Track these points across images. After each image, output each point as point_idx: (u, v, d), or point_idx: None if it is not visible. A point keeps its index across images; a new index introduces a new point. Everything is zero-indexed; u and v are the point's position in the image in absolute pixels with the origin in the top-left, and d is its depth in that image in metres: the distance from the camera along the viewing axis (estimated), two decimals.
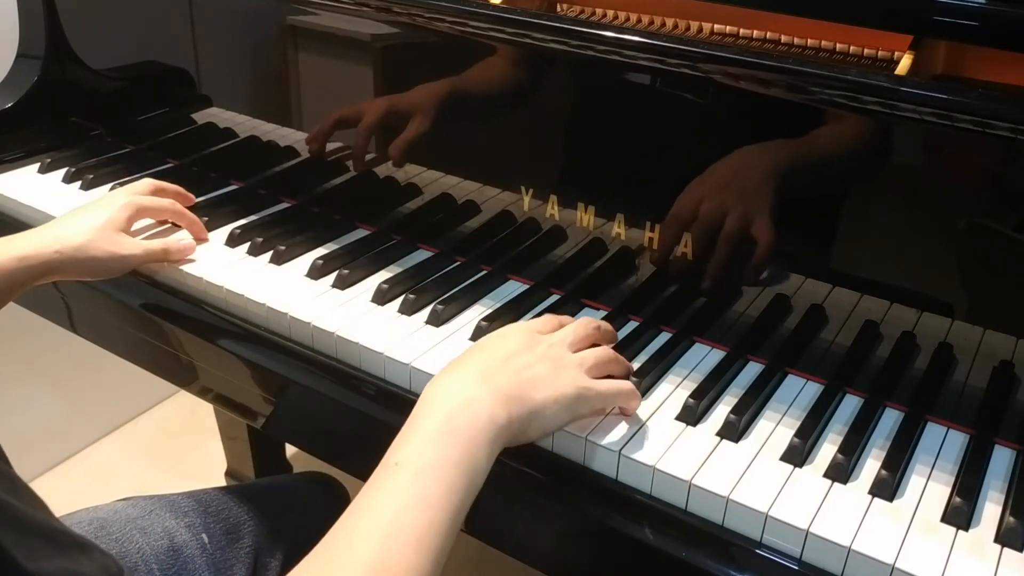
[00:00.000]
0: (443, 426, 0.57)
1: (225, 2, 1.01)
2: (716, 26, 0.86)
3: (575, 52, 0.75)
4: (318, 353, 0.79)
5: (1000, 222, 0.64)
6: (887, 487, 0.62)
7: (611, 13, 0.90)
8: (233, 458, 1.46)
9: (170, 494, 0.85)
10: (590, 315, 0.82)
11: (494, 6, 0.80)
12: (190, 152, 1.11)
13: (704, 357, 0.76)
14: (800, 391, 0.73)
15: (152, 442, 1.86)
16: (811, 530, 0.59)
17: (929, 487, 0.63)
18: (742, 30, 0.85)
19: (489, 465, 0.57)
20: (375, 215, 0.96)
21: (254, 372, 0.82)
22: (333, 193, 0.99)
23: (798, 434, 0.66)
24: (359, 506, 0.53)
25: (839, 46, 0.81)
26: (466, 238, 0.90)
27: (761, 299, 0.75)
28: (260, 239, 0.90)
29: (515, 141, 0.85)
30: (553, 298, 0.84)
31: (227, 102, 1.05)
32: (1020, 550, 0.58)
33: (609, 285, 0.83)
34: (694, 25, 0.87)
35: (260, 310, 0.82)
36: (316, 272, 0.86)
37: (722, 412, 0.69)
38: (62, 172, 1.06)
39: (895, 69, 0.71)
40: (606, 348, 0.69)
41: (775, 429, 0.68)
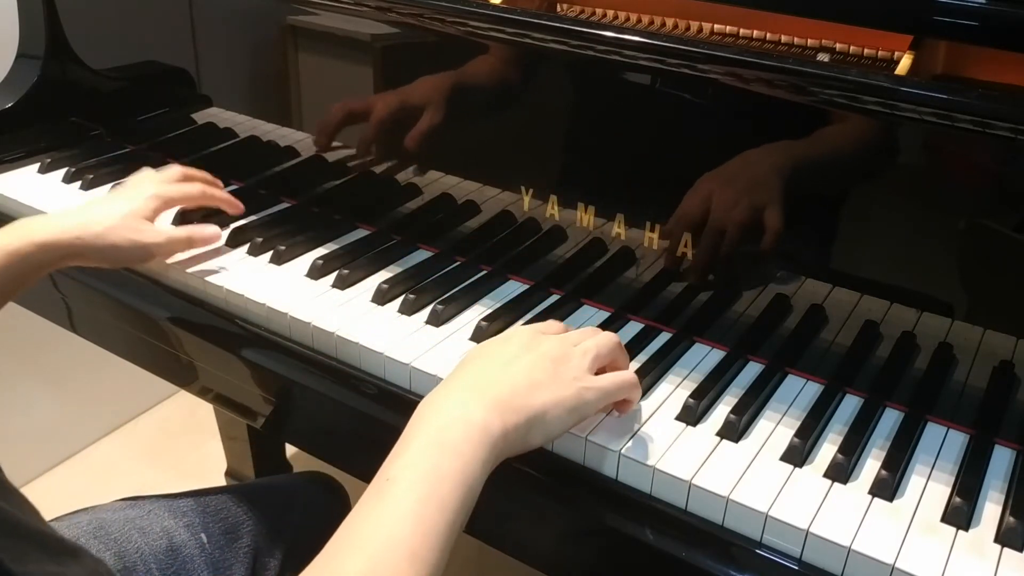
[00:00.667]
0: (435, 440, 0.56)
1: (225, 2, 1.01)
2: (716, 26, 0.86)
3: (575, 52, 0.75)
4: (318, 353, 0.79)
5: (1000, 222, 0.64)
6: (887, 487, 0.62)
7: (611, 13, 0.90)
8: (233, 458, 1.46)
9: (169, 494, 0.85)
10: (590, 315, 0.82)
11: (494, 6, 0.80)
12: (190, 152, 1.11)
13: (704, 357, 0.76)
14: (800, 391, 0.73)
15: (152, 442, 1.86)
16: (811, 530, 0.59)
17: (929, 487, 0.63)
18: (742, 30, 0.85)
19: (484, 477, 0.56)
20: (375, 215, 0.96)
21: (254, 372, 0.82)
22: (333, 193, 0.99)
23: (798, 434, 0.66)
24: (353, 521, 0.53)
25: (839, 46, 0.81)
26: (466, 238, 0.90)
27: (761, 299, 0.75)
28: (260, 239, 0.90)
29: (515, 141, 0.85)
30: (553, 298, 0.84)
31: (227, 102, 1.05)
32: (1020, 550, 0.58)
33: (609, 285, 0.83)
34: (694, 25, 0.87)
35: (260, 310, 0.82)
36: (316, 272, 0.86)
37: (722, 412, 0.69)
38: (62, 172, 1.06)
39: (895, 69, 0.71)
40: (608, 334, 0.68)
41: (775, 429, 0.68)
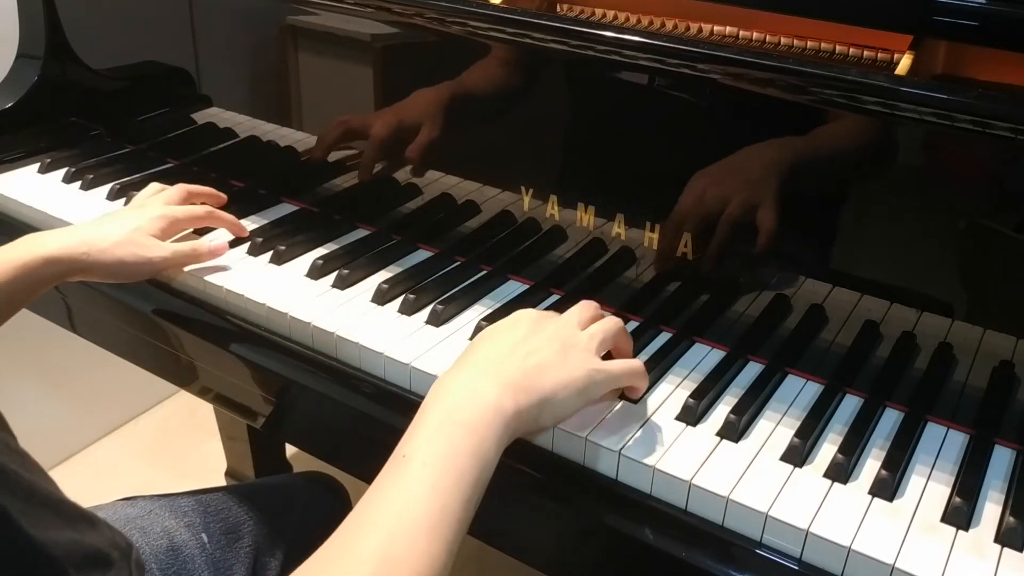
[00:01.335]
0: (449, 417, 0.57)
1: (225, 2, 1.01)
2: (716, 27, 0.86)
3: (575, 52, 0.75)
4: (318, 353, 0.79)
5: (1000, 222, 0.64)
6: (887, 487, 0.62)
7: (611, 13, 0.90)
8: (233, 458, 1.46)
9: (170, 494, 0.85)
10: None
11: (494, 6, 0.80)
12: (190, 152, 1.11)
13: (704, 357, 0.76)
14: (800, 391, 0.73)
15: (152, 442, 1.86)
16: (811, 530, 0.59)
17: (929, 487, 0.63)
18: (742, 31, 0.85)
19: (498, 455, 0.58)
20: (375, 215, 0.96)
21: (254, 372, 0.82)
22: (333, 193, 0.99)
23: (798, 434, 0.66)
24: (370, 499, 0.54)
25: (839, 46, 0.81)
26: (466, 238, 0.90)
27: (761, 299, 0.75)
28: (260, 239, 0.90)
29: (515, 141, 0.85)
30: (553, 298, 0.84)
31: (227, 102, 1.05)
32: (1020, 550, 0.58)
33: (609, 285, 0.83)
34: (694, 26, 0.87)
35: (260, 310, 0.82)
36: (316, 272, 0.86)
37: (722, 412, 0.69)
38: (62, 172, 1.06)
39: (895, 69, 0.71)
40: (613, 319, 0.69)
41: (775, 429, 0.68)
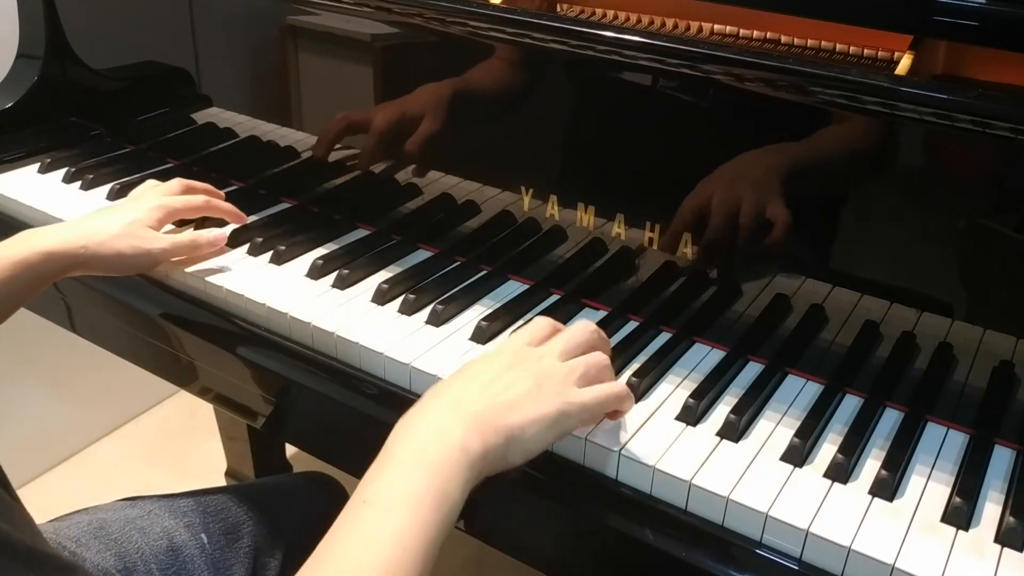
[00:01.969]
0: (413, 460, 0.55)
1: (225, 2, 1.01)
2: (716, 26, 0.86)
3: (575, 52, 0.75)
4: (318, 353, 0.79)
5: (1000, 222, 0.64)
6: (887, 487, 0.62)
7: (611, 13, 0.90)
8: (233, 458, 1.46)
9: (169, 494, 0.85)
10: (590, 315, 0.82)
11: (494, 6, 0.80)
12: (190, 152, 1.11)
13: (704, 357, 0.76)
14: (800, 391, 0.73)
15: (152, 442, 1.86)
16: (811, 530, 0.59)
17: (929, 487, 0.63)
18: (742, 30, 0.85)
19: (464, 497, 0.55)
20: (375, 215, 0.96)
21: (254, 372, 0.82)
22: (333, 193, 0.99)
23: (798, 434, 0.66)
24: (332, 542, 0.52)
25: (839, 46, 0.81)
26: (466, 238, 0.90)
27: (761, 299, 0.75)
28: (260, 239, 0.90)
29: (515, 141, 0.85)
30: (553, 298, 0.84)
31: (227, 102, 1.05)
32: (1020, 550, 0.58)
33: (609, 285, 0.83)
34: (694, 25, 0.87)
35: (260, 310, 0.82)
36: (316, 272, 0.86)
37: (722, 412, 0.69)
38: (62, 172, 1.06)
39: (895, 69, 0.71)
40: (598, 354, 0.66)
41: (775, 429, 0.68)
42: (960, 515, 0.60)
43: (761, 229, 0.73)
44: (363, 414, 0.76)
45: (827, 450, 0.66)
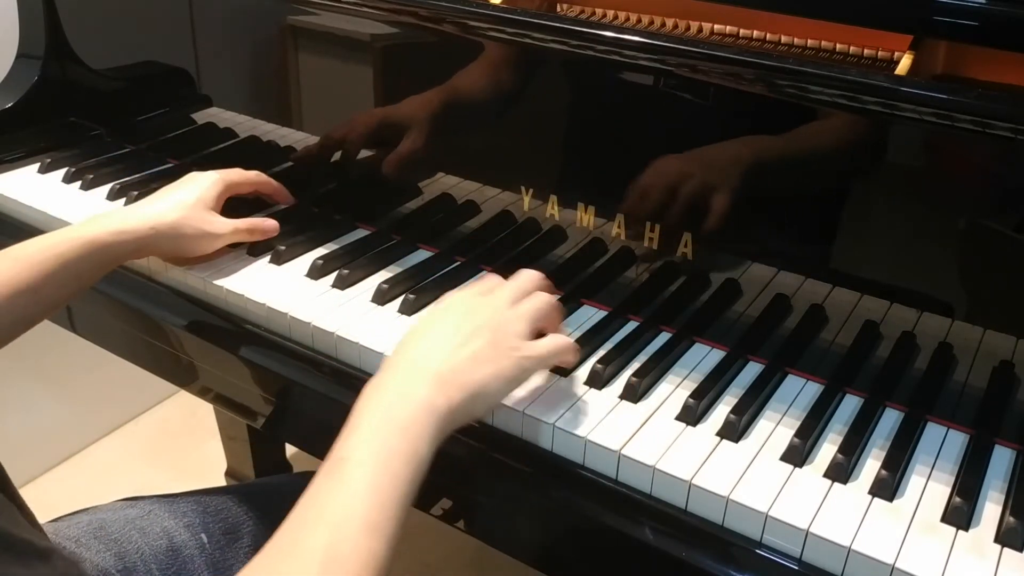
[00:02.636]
0: (383, 419, 0.58)
1: (225, 2, 1.01)
2: (716, 26, 0.86)
3: (575, 52, 0.75)
4: (318, 353, 0.79)
5: (1000, 222, 0.64)
6: (887, 487, 0.62)
7: (611, 13, 0.90)
8: (233, 458, 1.46)
9: (169, 494, 0.85)
10: (590, 315, 0.82)
11: (494, 6, 0.80)
12: (190, 152, 1.11)
13: (704, 357, 0.76)
14: (800, 391, 0.73)
15: (152, 442, 1.86)
16: (811, 530, 0.59)
17: (929, 487, 0.63)
18: (742, 30, 0.85)
19: (432, 452, 0.58)
20: (375, 215, 0.96)
21: (254, 372, 0.82)
22: (333, 193, 0.99)
23: (798, 434, 0.66)
24: (311, 498, 0.55)
25: (839, 46, 0.81)
26: (466, 238, 0.90)
27: (761, 299, 0.75)
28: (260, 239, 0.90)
29: (515, 141, 0.85)
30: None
31: (227, 102, 1.05)
32: (1020, 550, 0.58)
33: (609, 285, 0.83)
34: (694, 25, 0.87)
35: (260, 310, 0.82)
36: (316, 272, 0.86)
37: (722, 412, 0.69)
38: (62, 172, 1.06)
39: (895, 69, 0.71)
40: (543, 296, 0.70)
41: (775, 429, 0.68)
42: (960, 515, 0.60)
43: (762, 229, 0.73)
44: None
45: (827, 450, 0.66)
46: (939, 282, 0.68)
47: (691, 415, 0.68)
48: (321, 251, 0.91)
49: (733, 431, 0.67)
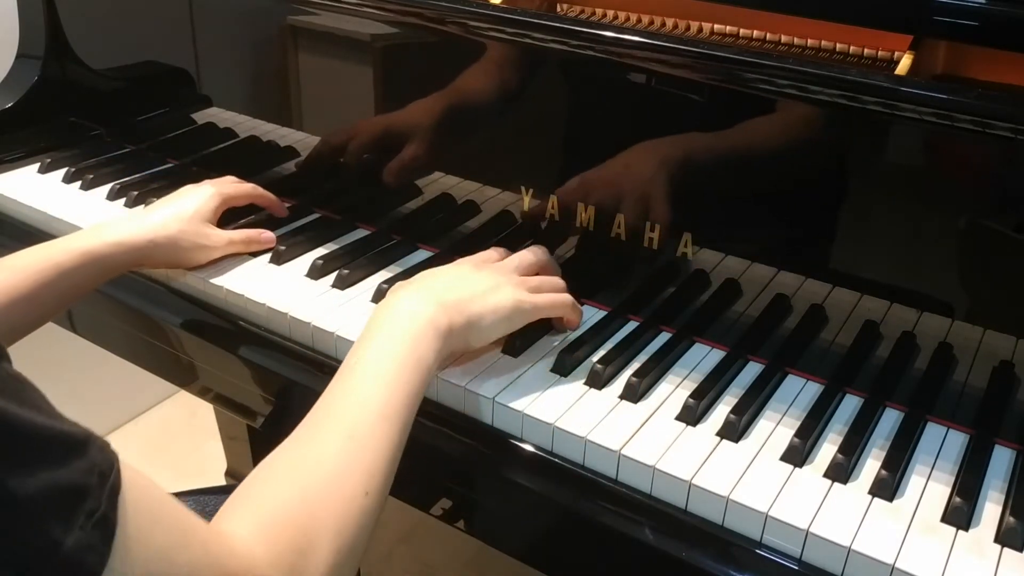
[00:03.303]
0: (392, 333, 0.65)
1: (225, 2, 1.01)
2: (716, 26, 0.86)
3: (575, 52, 0.75)
4: (318, 353, 0.79)
5: (1000, 222, 0.64)
6: (887, 487, 0.62)
7: (611, 13, 0.90)
8: (233, 458, 1.46)
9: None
10: (590, 315, 0.82)
11: (494, 6, 0.80)
12: (190, 152, 1.11)
13: (704, 357, 0.76)
14: (800, 391, 0.73)
15: (152, 442, 1.86)
16: (811, 530, 0.59)
17: (929, 487, 0.63)
18: (742, 30, 0.85)
19: (436, 364, 0.66)
20: (375, 215, 0.96)
21: (254, 372, 0.82)
22: (333, 193, 0.99)
23: (798, 434, 0.66)
24: (330, 393, 0.61)
25: (839, 46, 0.81)
26: (466, 238, 0.90)
27: (761, 299, 0.75)
28: None
29: (515, 141, 0.85)
30: None
31: (227, 102, 1.05)
32: (1020, 550, 0.58)
33: (609, 285, 0.83)
34: (694, 25, 0.87)
35: (260, 310, 0.82)
36: (316, 272, 0.86)
37: (722, 412, 0.69)
38: (62, 172, 1.06)
39: (895, 69, 0.71)
40: (550, 277, 0.78)
41: (775, 429, 0.68)
42: (960, 515, 0.60)
43: (762, 229, 0.73)
44: None
45: (827, 450, 0.66)
46: (939, 282, 0.69)
47: (691, 415, 0.68)
48: (321, 251, 0.91)
49: (733, 431, 0.67)
